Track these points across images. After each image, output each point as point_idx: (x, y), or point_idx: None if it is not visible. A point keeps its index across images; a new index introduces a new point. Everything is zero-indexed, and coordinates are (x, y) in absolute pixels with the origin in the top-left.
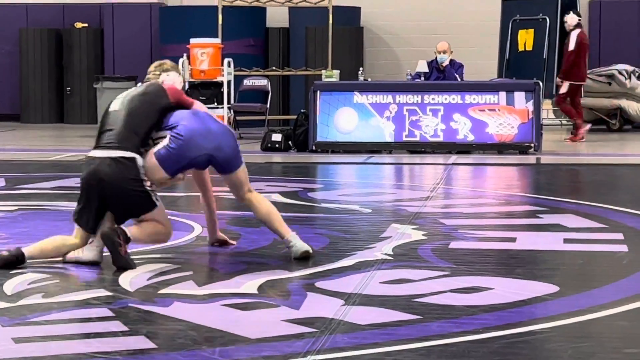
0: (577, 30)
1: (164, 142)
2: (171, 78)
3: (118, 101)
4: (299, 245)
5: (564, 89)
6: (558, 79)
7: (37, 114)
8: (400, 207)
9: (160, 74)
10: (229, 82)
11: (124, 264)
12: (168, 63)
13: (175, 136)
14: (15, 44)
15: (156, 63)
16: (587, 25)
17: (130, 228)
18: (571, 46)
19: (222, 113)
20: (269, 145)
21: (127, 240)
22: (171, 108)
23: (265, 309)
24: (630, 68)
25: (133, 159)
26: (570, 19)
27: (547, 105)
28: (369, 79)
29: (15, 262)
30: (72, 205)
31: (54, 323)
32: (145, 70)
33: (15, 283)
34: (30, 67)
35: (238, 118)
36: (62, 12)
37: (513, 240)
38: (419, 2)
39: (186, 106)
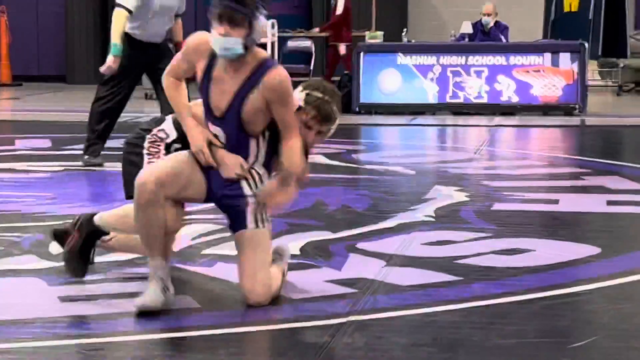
0: None
1: None
2: None
3: None
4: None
5: (343, 50)
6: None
7: (83, 75)
8: (443, 169)
9: None
10: (272, 44)
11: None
12: None
13: None
14: (61, 6)
15: None
16: None
17: None
18: (339, 10)
19: None
20: None
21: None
22: None
23: (307, 269)
24: None
25: None
26: None
27: (592, 66)
28: (413, 40)
29: None
30: (117, 167)
31: (98, 282)
32: (191, 31)
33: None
34: (75, 28)
35: None
36: None
37: (556, 202)
38: None
39: None
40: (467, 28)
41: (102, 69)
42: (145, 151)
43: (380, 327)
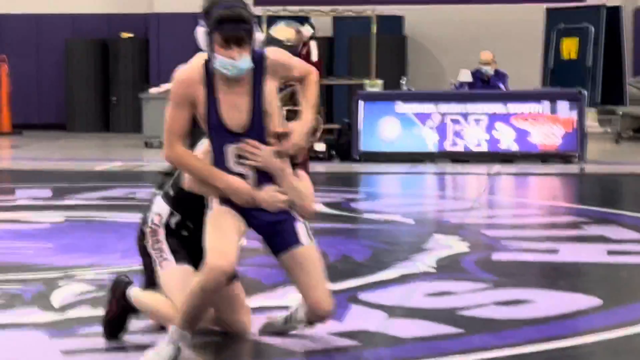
0: (314, 42)
1: None
2: None
3: None
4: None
5: None
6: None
7: (83, 123)
8: (443, 218)
9: None
10: None
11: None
12: None
13: None
14: (61, 54)
15: None
16: (632, 32)
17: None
18: (315, 57)
19: None
20: (312, 154)
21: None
22: None
23: None
24: None
25: None
26: (306, 30)
27: (591, 113)
28: (412, 88)
29: None
30: (119, 217)
31: (102, 335)
32: None
33: (62, 295)
34: (76, 76)
35: None
36: (107, 22)
37: (556, 252)
38: (462, 11)
39: None
40: (465, 75)
41: None
42: (150, 250)
43: None
